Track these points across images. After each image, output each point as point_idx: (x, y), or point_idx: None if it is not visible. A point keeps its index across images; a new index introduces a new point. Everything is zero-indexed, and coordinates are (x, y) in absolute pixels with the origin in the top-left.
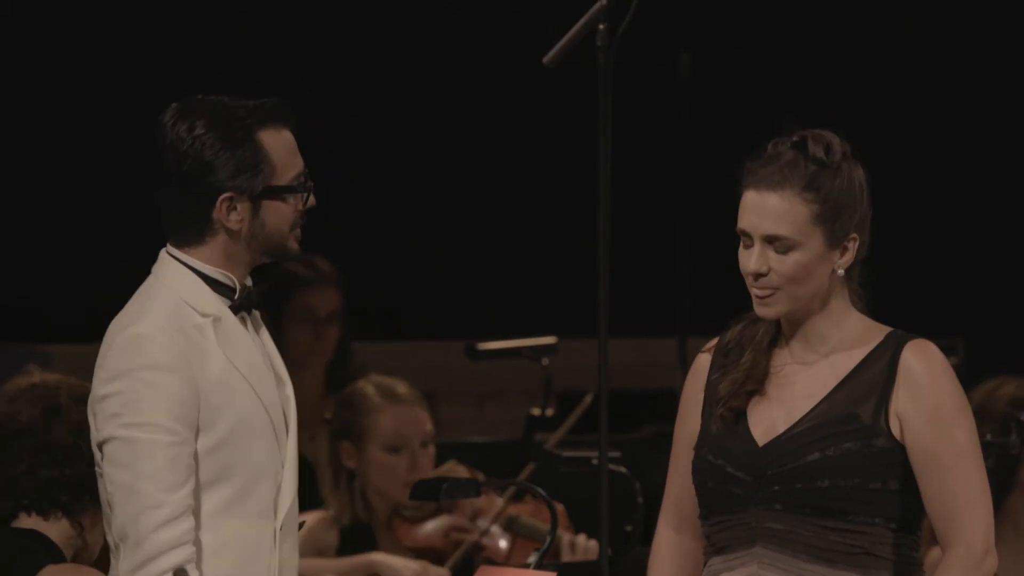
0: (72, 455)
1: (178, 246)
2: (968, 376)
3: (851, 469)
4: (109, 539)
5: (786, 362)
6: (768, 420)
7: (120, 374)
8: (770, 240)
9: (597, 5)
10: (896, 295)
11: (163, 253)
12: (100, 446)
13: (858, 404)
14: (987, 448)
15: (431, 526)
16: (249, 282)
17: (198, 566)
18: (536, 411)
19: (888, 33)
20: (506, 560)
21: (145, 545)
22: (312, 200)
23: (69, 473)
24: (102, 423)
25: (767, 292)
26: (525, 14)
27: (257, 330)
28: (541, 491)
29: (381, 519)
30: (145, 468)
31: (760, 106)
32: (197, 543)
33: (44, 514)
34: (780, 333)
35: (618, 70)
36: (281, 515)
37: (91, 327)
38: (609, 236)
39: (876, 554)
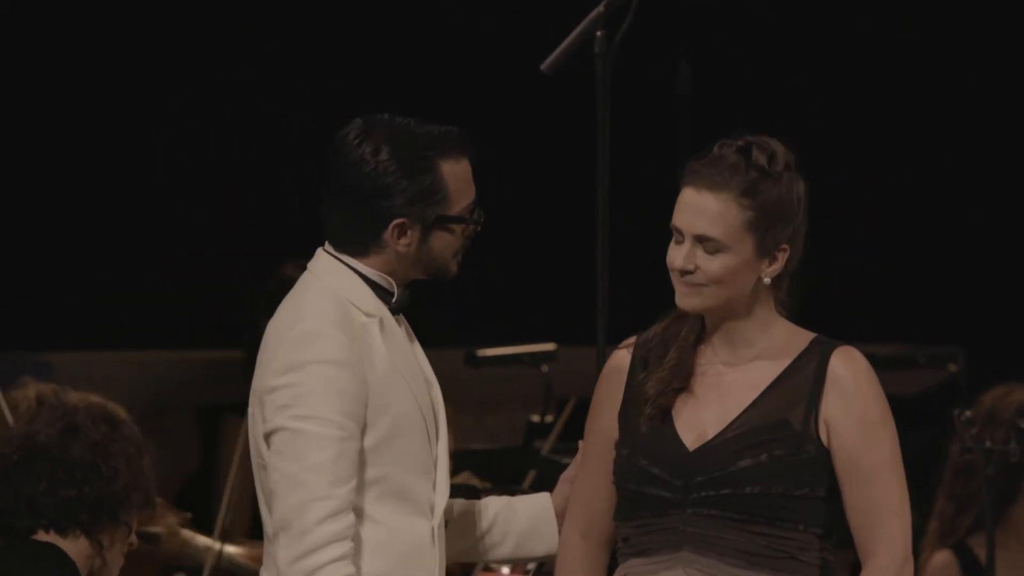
0: (91, 474)
1: (340, 251)
2: (968, 385)
3: (781, 476)
4: (267, 528)
5: (712, 362)
6: (697, 423)
7: (292, 367)
8: (701, 240)
9: (595, 11)
10: (896, 304)
11: (321, 252)
12: (266, 437)
13: (788, 410)
14: (987, 455)
15: None
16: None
17: (363, 561)
18: (536, 418)
19: (888, 35)
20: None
21: (309, 536)
22: (478, 227)
23: (88, 492)
24: (271, 414)
25: (690, 288)
26: (523, 20)
27: (407, 333)
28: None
29: None
30: (313, 460)
31: (759, 113)
32: (363, 538)
33: (62, 532)
34: (704, 332)
35: (616, 77)
36: (439, 515)
37: (91, 336)
38: (607, 243)
39: (801, 559)
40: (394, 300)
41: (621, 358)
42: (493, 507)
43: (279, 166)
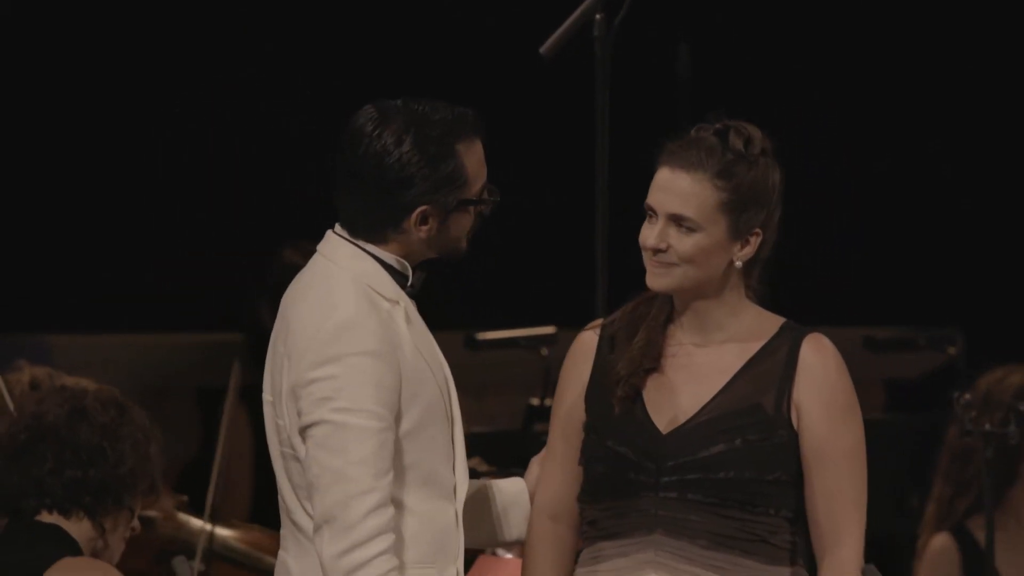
0: (97, 456)
1: (356, 237)
2: (967, 368)
3: (754, 461)
4: (294, 516)
5: (682, 343)
6: (668, 406)
7: (331, 359)
8: (674, 219)
9: None
10: (896, 287)
11: (332, 235)
12: (304, 429)
13: (760, 395)
14: (987, 438)
15: None
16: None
17: (402, 549)
18: (536, 401)
19: (888, 15)
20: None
21: (358, 530)
22: (488, 208)
23: (93, 474)
24: (310, 407)
25: (661, 267)
26: (522, 4)
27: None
28: None
29: None
30: (357, 453)
31: (759, 95)
32: (402, 527)
33: (66, 514)
34: (673, 314)
35: (616, 60)
36: (461, 497)
37: (90, 318)
38: (607, 226)
39: (772, 542)
40: (409, 283)
41: (588, 340)
42: (468, 492)
43: (277, 153)
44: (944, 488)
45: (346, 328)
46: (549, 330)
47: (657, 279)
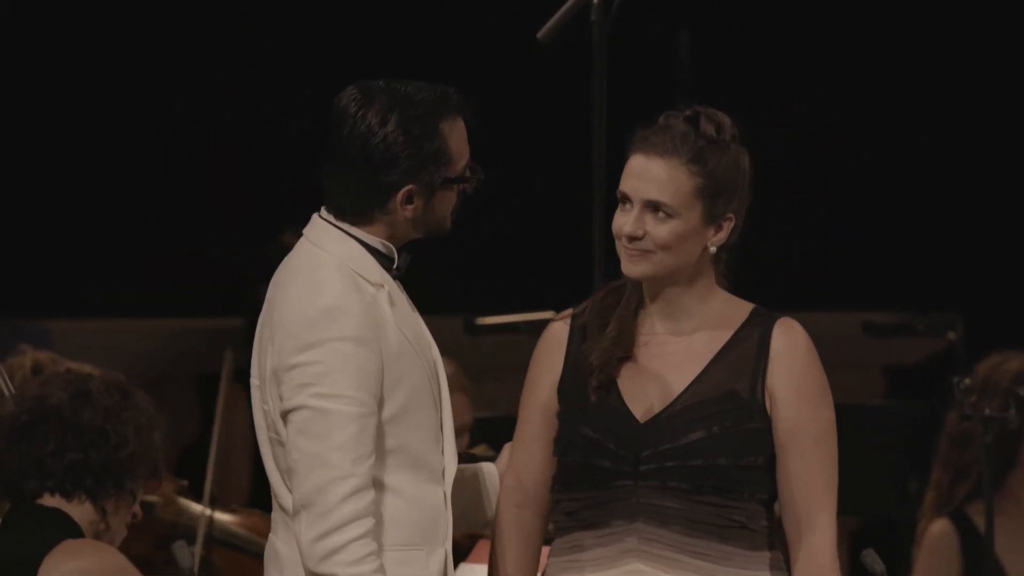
0: (99, 439)
1: (340, 219)
2: (967, 353)
3: (731, 447)
4: (279, 499)
5: (653, 331)
6: (643, 395)
7: (313, 344)
8: (650, 206)
9: None
10: (895, 272)
11: (318, 219)
12: (286, 414)
13: (734, 381)
14: (987, 423)
15: None
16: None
17: (390, 531)
18: None
19: (890, 4)
20: None
21: (333, 515)
22: (471, 186)
23: (94, 456)
24: (291, 392)
25: (637, 254)
26: None
27: (407, 298)
28: None
29: None
30: (335, 439)
31: (758, 83)
32: (384, 510)
33: (68, 496)
34: (643, 302)
35: (614, 45)
36: (449, 480)
37: (91, 304)
38: (605, 212)
39: (751, 527)
40: (395, 266)
41: (558, 330)
42: (464, 475)
43: (278, 141)
44: (943, 474)
45: (328, 314)
46: (548, 315)
47: (633, 266)
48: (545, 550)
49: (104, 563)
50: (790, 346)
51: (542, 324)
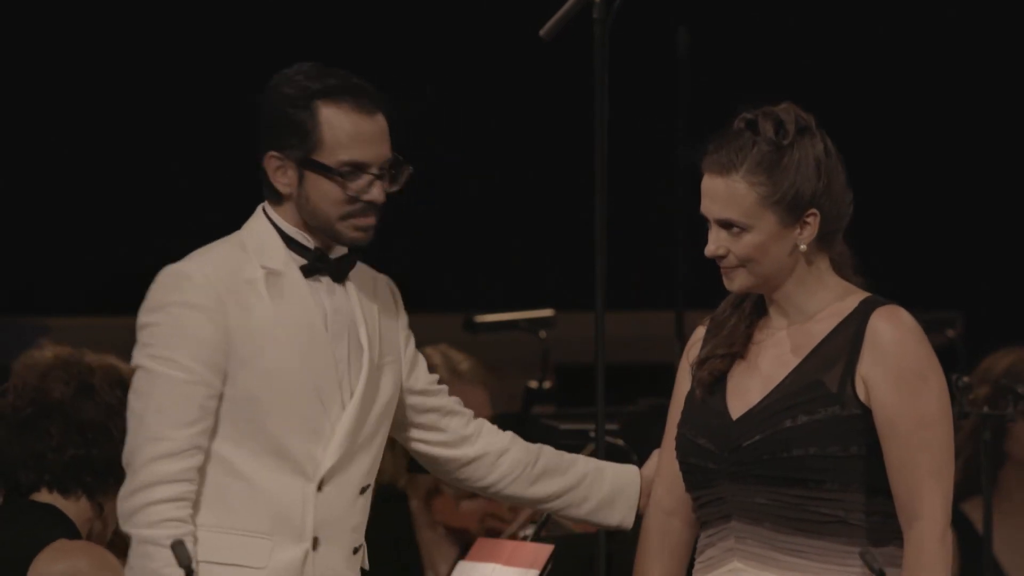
0: (101, 436)
1: (269, 202)
2: (967, 350)
3: (819, 437)
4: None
5: (768, 331)
6: (744, 391)
7: (157, 307)
8: (723, 224)
9: None
10: (894, 269)
11: (258, 207)
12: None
13: (823, 371)
14: (984, 420)
15: (469, 507)
16: (337, 253)
17: (229, 512)
18: (534, 384)
19: (889, 5)
20: None
21: (141, 474)
22: (376, 195)
23: (96, 454)
24: (135, 351)
25: (729, 270)
26: None
27: (351, 298)
28: None
29: (421, 492)
30: (155, 401)
31: (759, 79)
32: (228, 490)
33: (65, 492)
34: (763, 300)
35: (616, 43)
36: (319, 476)
37: (89, 301)
38: (606, 209)
39: (850, 522)
40: (308, 257)
41: (698, 334)
42: (583, 467)
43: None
44: None
45: (179, 279)
46: (548, 313)
47: (729, 283)
48: None
49: (95, 563)
50: (885, 333)
51: (541, 322)
